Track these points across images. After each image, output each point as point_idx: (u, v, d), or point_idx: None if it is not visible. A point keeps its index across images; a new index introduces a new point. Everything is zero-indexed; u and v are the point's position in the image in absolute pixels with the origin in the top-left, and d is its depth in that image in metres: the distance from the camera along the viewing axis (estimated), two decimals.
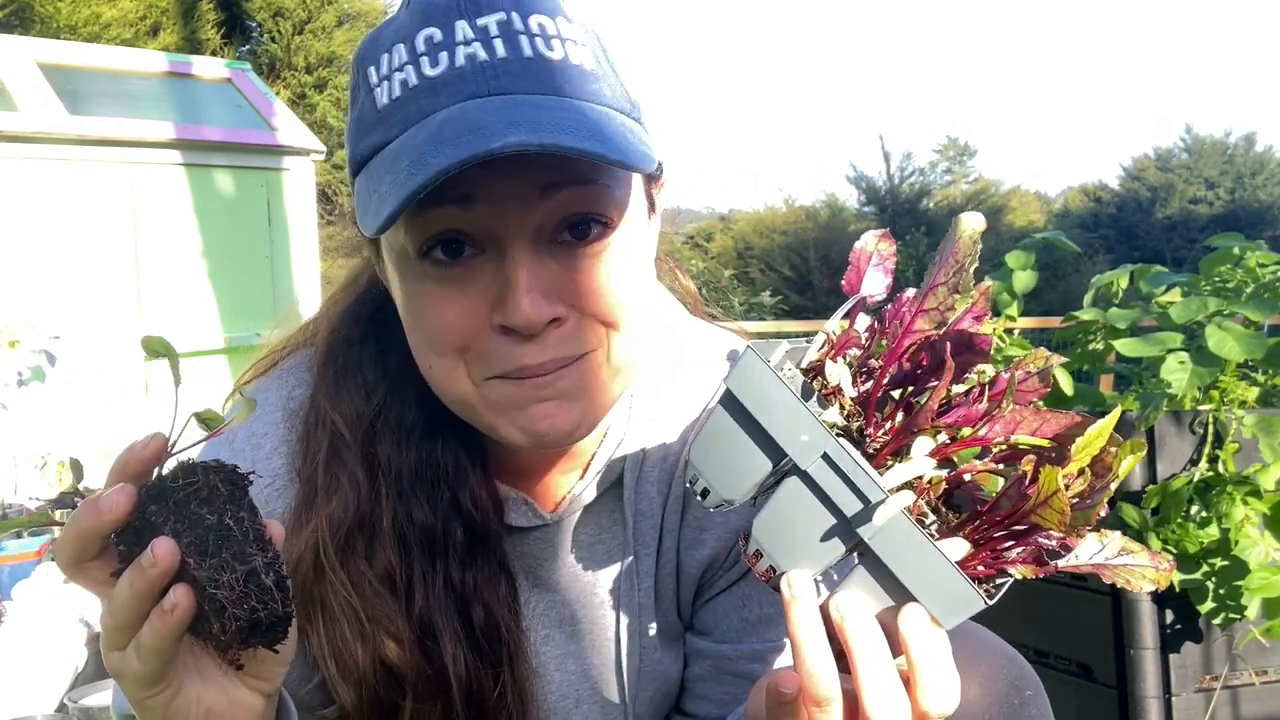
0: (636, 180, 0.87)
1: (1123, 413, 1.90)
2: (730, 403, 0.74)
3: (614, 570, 1.00)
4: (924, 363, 0.73)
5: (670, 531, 1.00)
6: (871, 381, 0.74)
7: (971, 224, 0.73)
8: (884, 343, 0.75)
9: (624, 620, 1.00)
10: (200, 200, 5.53)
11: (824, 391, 0.75)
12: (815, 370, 0.76)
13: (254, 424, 0.95)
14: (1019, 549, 0.71)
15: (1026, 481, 0.68)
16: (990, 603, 0.70)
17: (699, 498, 0.77)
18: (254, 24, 14.79)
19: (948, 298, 0.73)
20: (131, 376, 5.03)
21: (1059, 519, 0.66)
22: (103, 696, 2.72)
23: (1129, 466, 0.70)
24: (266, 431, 0.95)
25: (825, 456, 0.70)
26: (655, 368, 1.00)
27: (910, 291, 0.76)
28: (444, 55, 0.78)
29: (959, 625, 0.71)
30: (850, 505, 0.70)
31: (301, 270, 5.98)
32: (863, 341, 0.76)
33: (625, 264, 0.84)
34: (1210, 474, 1.82)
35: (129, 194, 5.26)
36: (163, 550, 0.64)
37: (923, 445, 0.71)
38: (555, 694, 1.01)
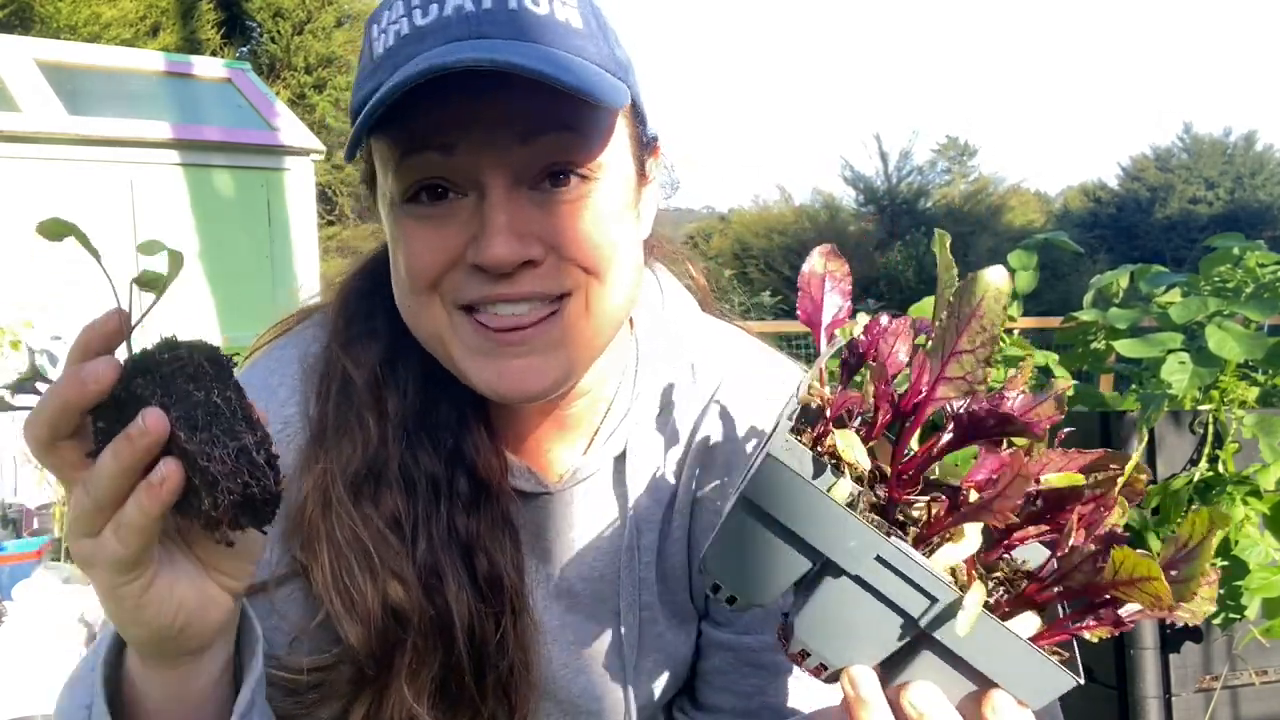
0: (622, 137, 0.89)
1: (1123, 413, 1.90)
2: (750, 508, 0.68)
3: (615, 542, 1.01)
4: (956, 429, 0.68)
5: (681, 511, 1.01)
6: (877, 433, 0.70)
7: (995, 282, 0.64)
8: (866, 375, 0.71)
9: (623, 591, 1.00)
10: (200, 200, 5.53)
11: (833, 460, 0.71)
12: (817, 436, 0.72)
13: (269, 376, 0.97)
14: (1095, 616, 0.66)
15: (1098, 561, 0.63)
16: (1080, 681, 0.65)
17: (725, 605, 0.73)
18: (254, 24, 14.78)
19: (976, 368, 0.67)
20: None
21: (1154, 601, 0.61)
22: None
23: (1215, 541, 0.63)
24: (281, 382, 0.97)
25: (879, 558, 0.66)
26: (661, 351, 1.01)
27: (886, 320, 0.71)
28: (434, 7, 0.83)
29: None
30: (914, 603, 0.65)
31: (301, 270, 5.97)
32: (852, 389, 0.72)
33: (605, 215, 0.86)
34: (1210, 474, 1.81)
35: (129, 194, 5.26)
36: (154, 419, 0.62)
37: (974, 526, 0.66)
38: (556, 662, 1.02)
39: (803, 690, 1.00)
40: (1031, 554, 0.74)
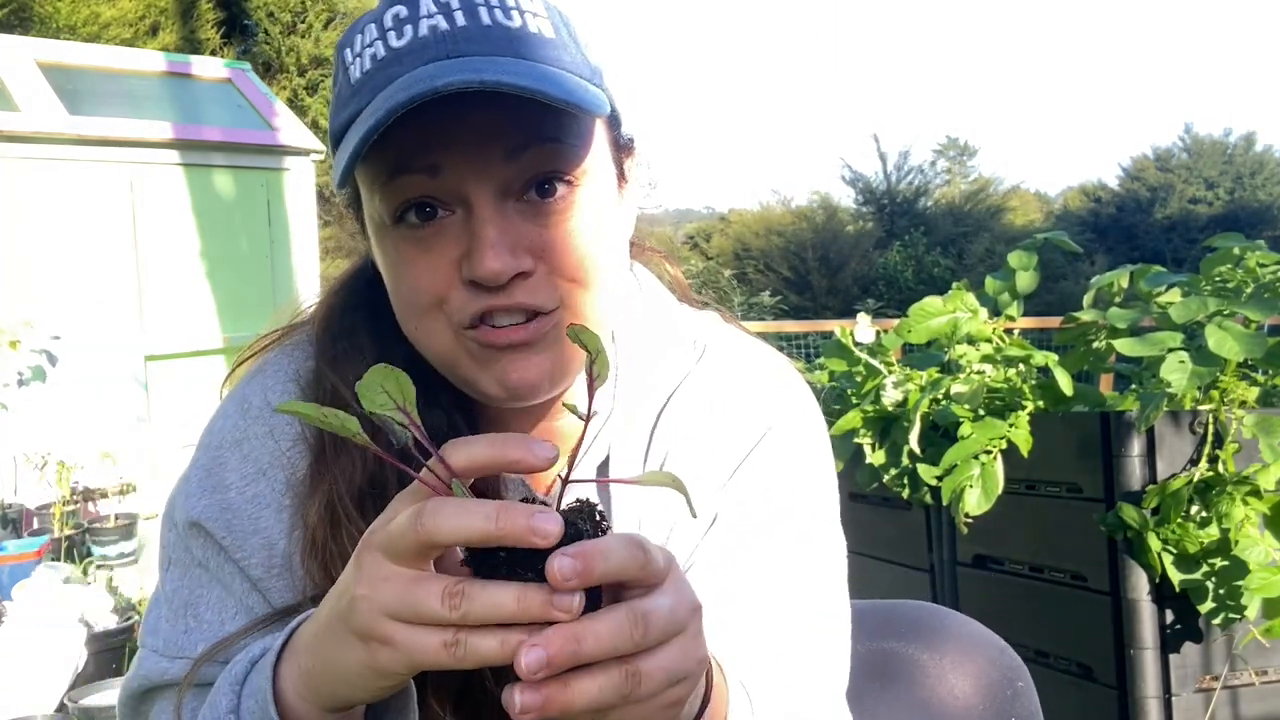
0: (601, 142, 0.91)
1: (1123, 413, 1.90)
2: None
3: None
4: None
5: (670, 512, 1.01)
6: None
7: None
8: None
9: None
10: (200, 200, 5.53)
11: None
12: None
13: (268, 394, 0.98)
14: None
15: None
16: None
17: None
18: (252, 24, 14.78)
19: None
20: (131, 376, 5.03)
21: None
22: (103, 696, 2.72)
23: None
24: (282, 396, 0.98)
25: None
26: (640, 350, 1.02)
27: None
28: (409, 28, 0.85)
29: (951, 618, 0.66)
30: None
31: (301, 270, 5.97)
32: None
33: (591, 222, 0.88)
34: (1210, 474, 1.82)
35: (129, 194, 5.26)
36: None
37: None
38: None
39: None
40: None
